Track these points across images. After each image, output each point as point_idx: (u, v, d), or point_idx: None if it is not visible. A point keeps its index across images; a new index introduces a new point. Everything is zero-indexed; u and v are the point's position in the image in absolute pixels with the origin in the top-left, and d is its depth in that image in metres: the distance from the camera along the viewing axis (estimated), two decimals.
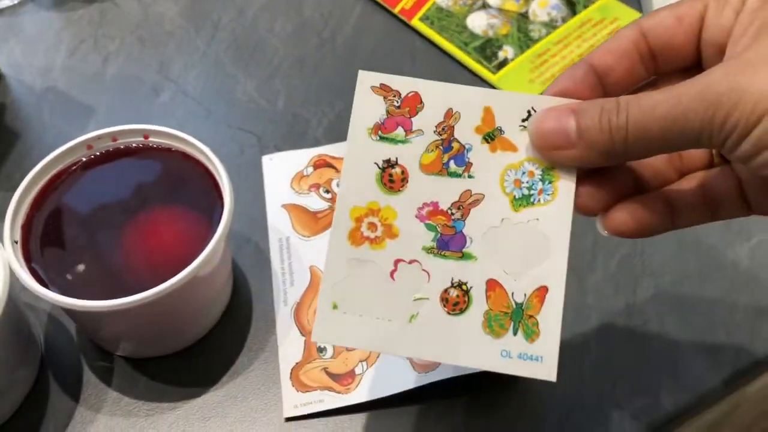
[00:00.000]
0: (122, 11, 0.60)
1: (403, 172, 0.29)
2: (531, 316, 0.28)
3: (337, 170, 0.48)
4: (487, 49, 0.56)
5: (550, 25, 0.57)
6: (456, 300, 0.28)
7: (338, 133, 0.51)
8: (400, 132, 0.30)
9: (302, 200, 0.47)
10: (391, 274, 0.29)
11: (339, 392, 0.38)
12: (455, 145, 0.30)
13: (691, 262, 0.44)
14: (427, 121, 0.30)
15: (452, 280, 0.29)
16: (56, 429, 0.39)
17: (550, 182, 0.29)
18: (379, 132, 0.30)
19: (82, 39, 0.58)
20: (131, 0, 0.60)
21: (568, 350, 0.38)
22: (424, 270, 0.29)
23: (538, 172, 0.29)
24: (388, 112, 0.30)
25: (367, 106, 0.30)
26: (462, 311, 0.28)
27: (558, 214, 0.29)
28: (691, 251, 0.45)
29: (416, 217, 0.29)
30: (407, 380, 0.36)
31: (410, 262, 0.29)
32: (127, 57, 0.57)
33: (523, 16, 0.58)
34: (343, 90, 0.54)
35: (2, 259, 0.36)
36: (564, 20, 0.58)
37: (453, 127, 0.30)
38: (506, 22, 0.58)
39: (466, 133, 0.30)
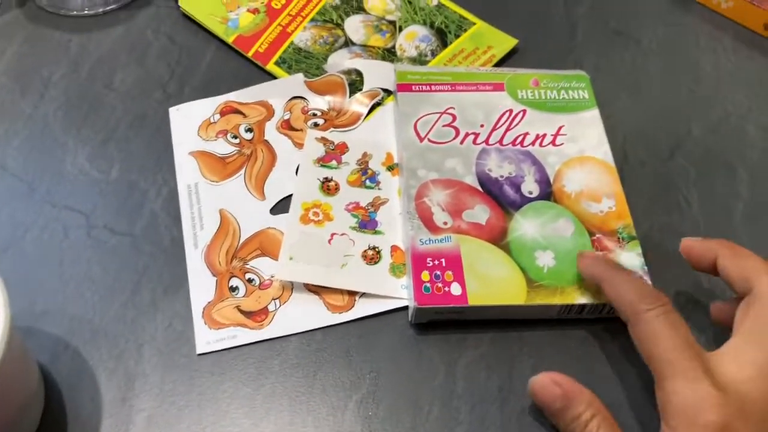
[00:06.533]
0: None
1: (336, 185, 0.45)
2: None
3: (245, 115, 0.49)
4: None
5: (419, 60, 0.52)
6: (372, 256, 0.43)
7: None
8: (333, 163, 0.47)
9: (210, 146, 0.48)
10: (329, 241, 0.43)
11: (252, 328, 0.40)
12: (369, 171, 0.46)
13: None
14: (351, 158, 0.47)
15: (369, 245, 0.43)
16: None
17: None
18: (321, 162, 0.46)
19: None
20: None
21: None
22: (350, 239, 0.43)
23: None
24: (326, 151, 0.47)
25: (313, 147, 0.47)
26: (376, 263, 0.42)
27: None
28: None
29: (345, 209, 0.44)
30: (321, 319, 0.41)
31: (341, 235, 0.43)
32: None
33: (390, 52, 0.53)
34: None
35: None
36: (434, 53, 0.52)
37: (367, 161, 0.47)
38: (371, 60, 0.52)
39: (376, 165, 0.47)
